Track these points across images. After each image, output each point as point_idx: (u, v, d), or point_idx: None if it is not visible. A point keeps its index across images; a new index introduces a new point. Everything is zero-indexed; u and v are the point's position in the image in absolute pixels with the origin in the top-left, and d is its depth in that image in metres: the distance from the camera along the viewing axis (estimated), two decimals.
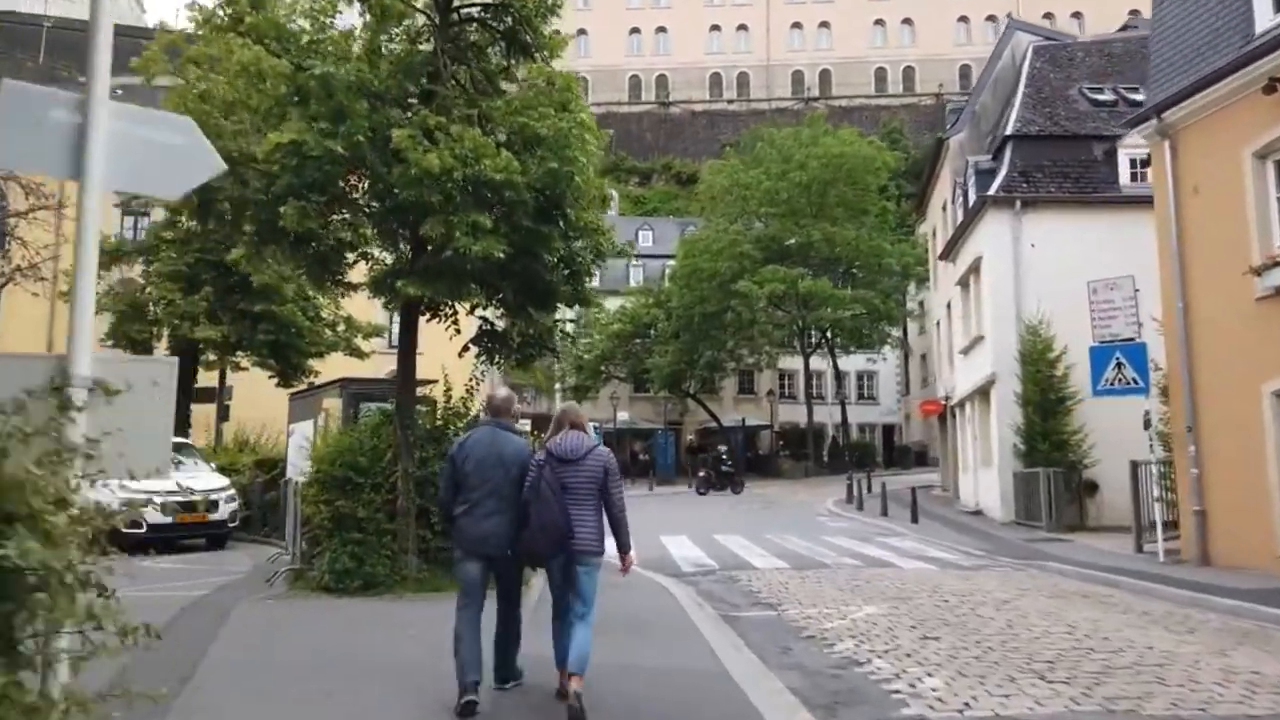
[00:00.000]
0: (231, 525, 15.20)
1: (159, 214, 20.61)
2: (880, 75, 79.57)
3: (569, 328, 13.90)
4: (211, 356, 20.88)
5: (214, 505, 14.78)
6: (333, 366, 21.56)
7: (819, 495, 30.52)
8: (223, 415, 21.00)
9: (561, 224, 10.23)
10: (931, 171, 30.18)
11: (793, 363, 47.90)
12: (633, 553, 5.84)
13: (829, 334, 44.57)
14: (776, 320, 41.31)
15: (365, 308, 24.58)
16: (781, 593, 10.99)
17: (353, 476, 10.35)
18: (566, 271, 10.81)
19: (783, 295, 39.26)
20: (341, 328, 21.66)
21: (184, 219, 20.39)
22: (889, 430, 54.26)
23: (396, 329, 25.85)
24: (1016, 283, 20.69)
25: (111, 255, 20.13)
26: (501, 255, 9.29)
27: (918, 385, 52.47)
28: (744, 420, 47.90)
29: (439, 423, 11.11)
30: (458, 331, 11.25)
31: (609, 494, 5.51)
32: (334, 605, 9.33)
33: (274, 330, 19.30)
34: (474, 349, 11.32)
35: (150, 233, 20.30)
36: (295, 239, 9.58)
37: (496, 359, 11.31)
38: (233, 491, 15.33)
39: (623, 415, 45.52)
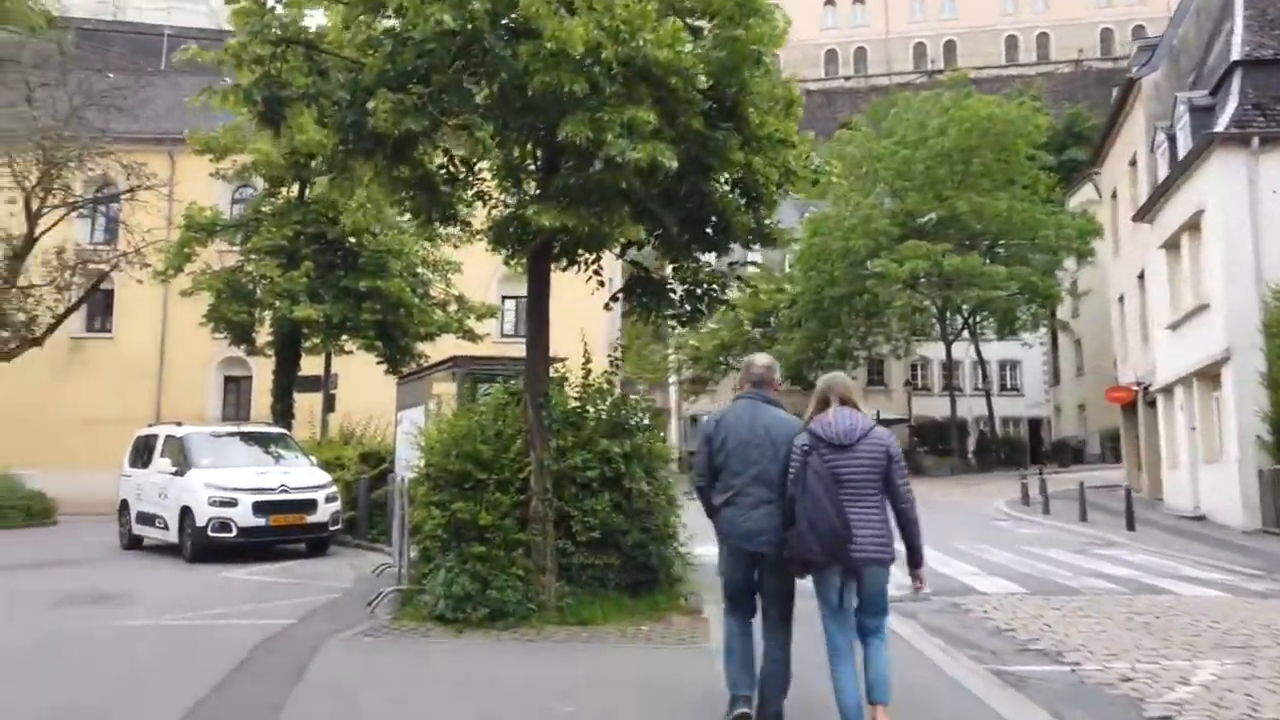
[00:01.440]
0: (333, 528, 13.13)
1: (260, 184, 18.93)
2: (1011, 43, 74.01)
3: (751, 271, 11.09)
4: (314, 341, 19.09)
5: (312, 505, 12.72)
6: (443, 351, 19.54)
7: (980, 496, 26.93)
8: (328, 405, 19.20)
9: (740, 130, 7.54)
10: (1114, 123, 26.06)
11: (927, 351, 43.91)
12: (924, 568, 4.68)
13: (975, 318, 40.45)
14: (916, 303, 37.55)
15: (477, 286, 22.67)
16: (1045, 632, 8.01)
17: (473, 471, 7.92)
18: (744, 198, 8.11)
19: (924, 275, 35.54)
20: (453, 308, 19.56)
21: (284, 191, 18.70)
22: (1034, 424, 49.47)
23: (512, 311, 23.77)
24: (1255, 237, 16.89)
25: (208, 230, 18.53)
26: (672, 164, 6.65)
27: (1070, 373, 47.64)
28: (878, 413, 44.19)
29: (576, 404, 8.60)
30: (600, 282, 8.71)
31: (894, 487, 4.51)
32: (452, 649, 6.88)
33: (381, 309, 17.29)
34: (618, 304, 8.78)
35: (250, 206, 18.62)
36: (393, 148, 7.16)
37: (653, 315, 8.70)
38: (334, 490, 13.27)
39: None
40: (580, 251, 8.24)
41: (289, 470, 13.13)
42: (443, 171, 8.18)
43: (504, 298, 26.16)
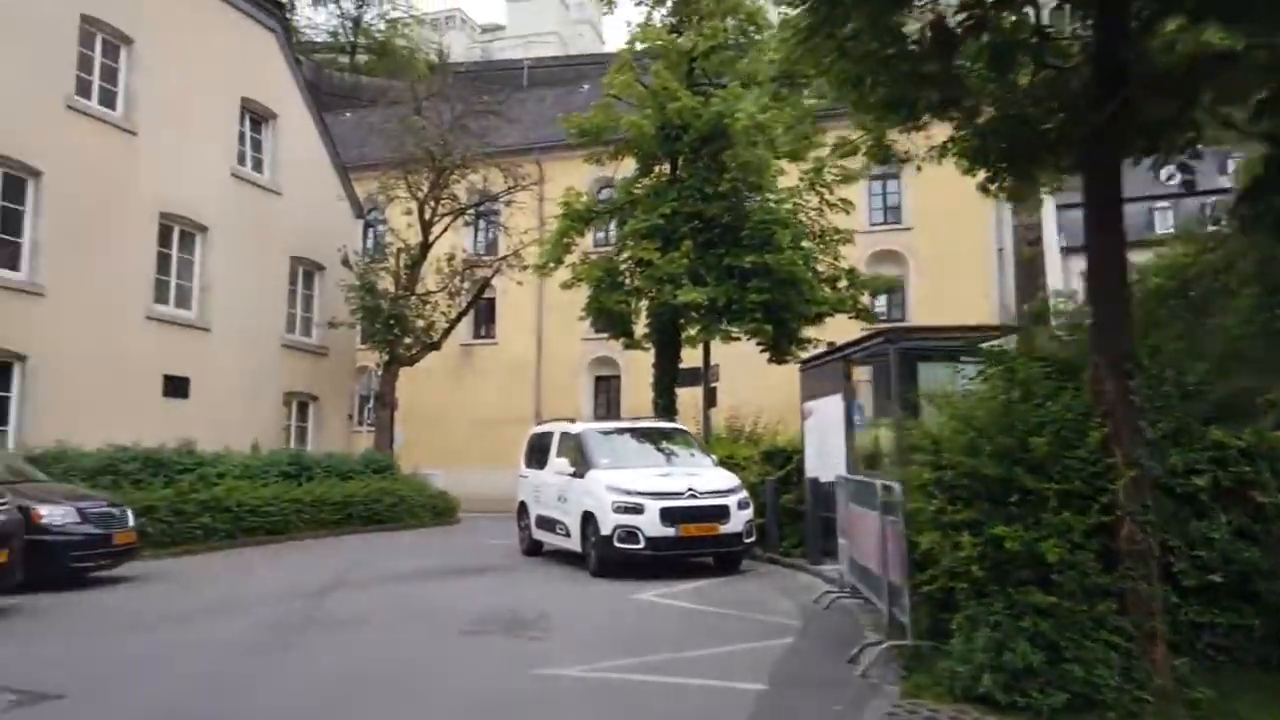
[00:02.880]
0: (748, 540, 11.10)
1: (628, 166, 17.77)
2: None
3: None
4: (691, 331, 17.52)
5: (724, 513, 10.77)
6: (831, 334, 17.08)
7: None
8: (710, 399, 17.57)
9: None
10: None
11: None
12: None
13: None
14: None
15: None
16: None
17: (1020, 477, 5.24)
18: None
19: None
20: (843, 283, 16.99)
21: (656, 170, 17.40)
22: None
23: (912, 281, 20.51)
24: None
25: (585, 218, 17.68)
26: None
27: None
28: None
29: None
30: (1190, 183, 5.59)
31: None
32: None
33: (769, 287, 15.21)
34: None
35: (622, 188, 17.50)
36: None
37: None
38: (745, 494, 11.25)
39: None
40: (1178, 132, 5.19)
41: (694, 472, 11.33)
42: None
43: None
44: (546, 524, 12.58)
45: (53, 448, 13.51)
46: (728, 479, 11.39)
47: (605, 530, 10.64)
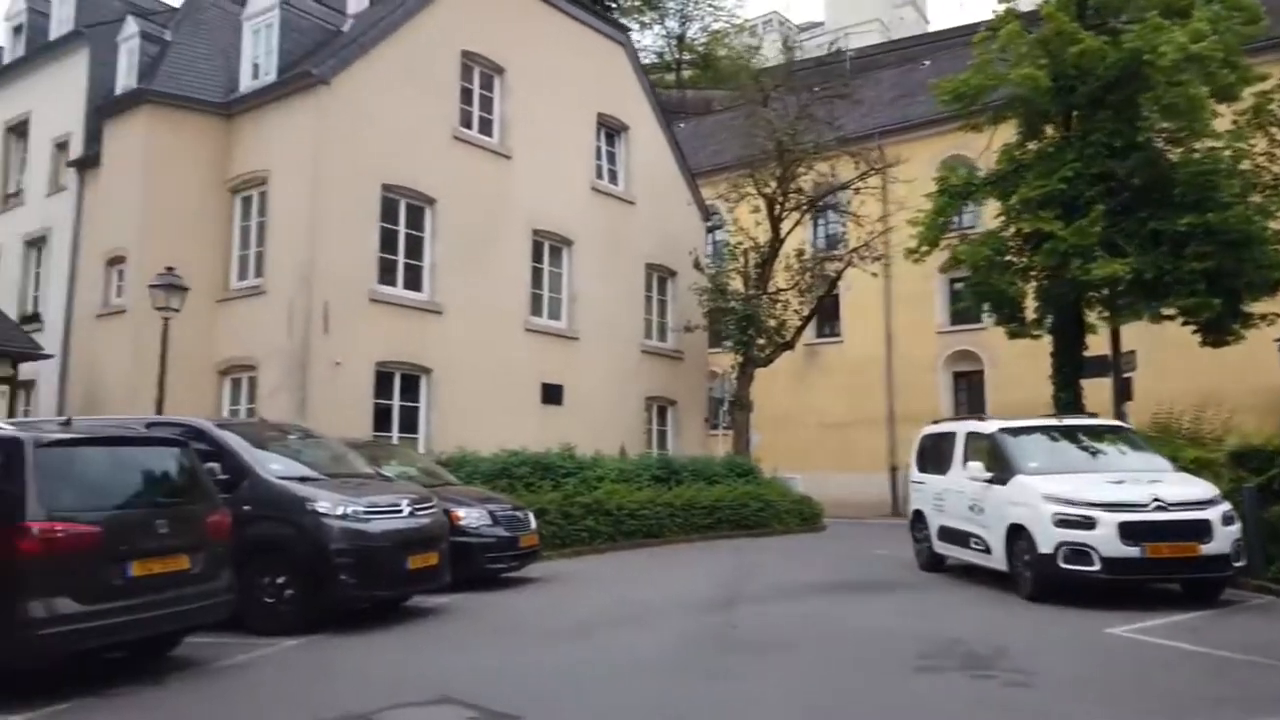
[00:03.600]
0: (1238, 564, 8.78)
1: (1004, 134, 15.61)
2: None
3: None
4: (1096, 313, 14.98)
5: (1205, 529, 8.58)
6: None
7: None
8: (1123, 393, 14.86)
9: None
10: None
11: None
12: None
13: None
14: None
15: None
16: None
17: None
18: None
19: None
20: None
21: (1048, 130, 15.12)
22: None
23: None
24: None
25: (963, 193, 15.82)
26: None
27: None
28: None
29: None
30: None
31: None
32: None
33: (1212, 252, 12.40)
34: None
35: (1003, 155, 15.36)
36: None
37: None
38: (1228, 507, 8.93)
39: None
40: None
41: (1156, 479, 9.20)
42: None
43: None
44: (953, 536, 11.04)
45: (454, 453, 14.41)
46: (1204, 488, 9.12)
47: (1044, 548, 8.91)
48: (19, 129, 21.35)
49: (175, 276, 13.20)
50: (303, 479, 8.16)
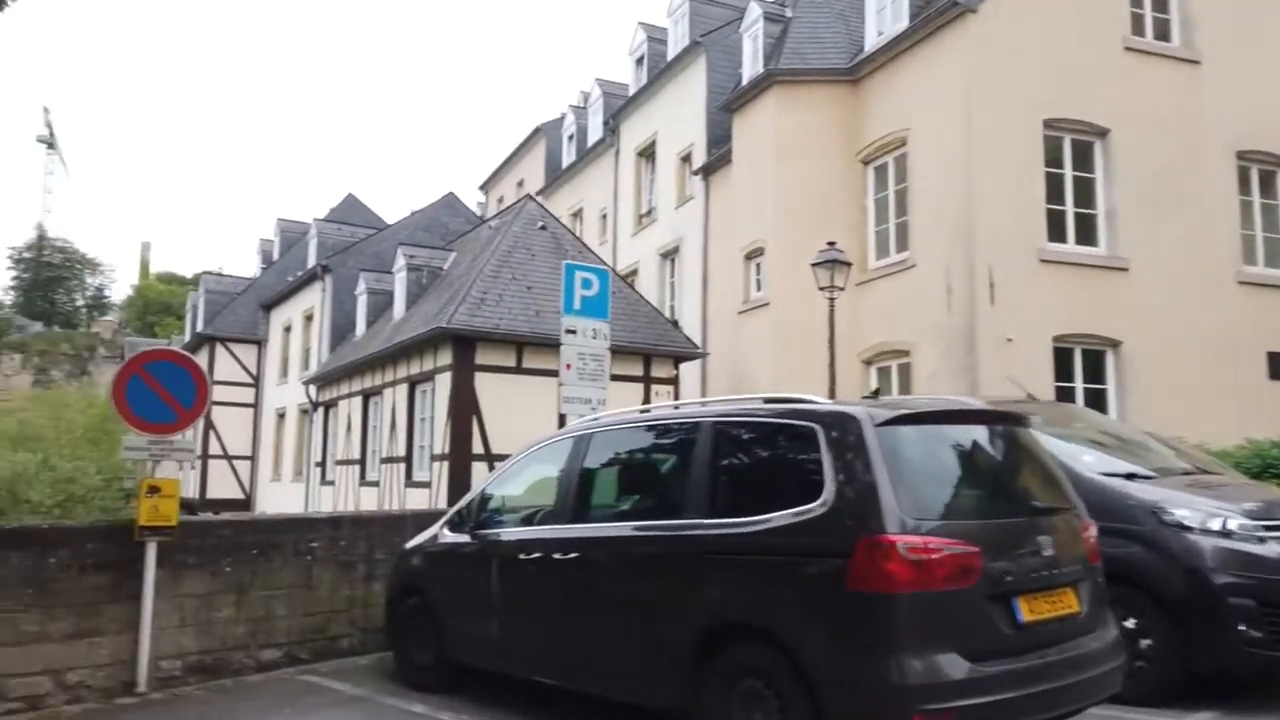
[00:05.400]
0: None
1: None
2: None
3: None
4: None
5: None
6: None
7: None
8: None
9: None
10: None
11: None
12: None
13: None
14: None
15: None
16: None
17: None
18: None
19: None
20: None
21: None
22: None
23: None
24: None
25: None
26: None
27: None
28: None
29: None
30: None
31: None
32: None
33: None
34: None
35: None
36: None
37: None
38: None
39: None
40: None
41: None
42: None
43: None
44: None
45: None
46: None
47: None
48: (647, 152, 23.10)
49: (837, 251, 12.05)
50: (1130, 475, 5.75)
